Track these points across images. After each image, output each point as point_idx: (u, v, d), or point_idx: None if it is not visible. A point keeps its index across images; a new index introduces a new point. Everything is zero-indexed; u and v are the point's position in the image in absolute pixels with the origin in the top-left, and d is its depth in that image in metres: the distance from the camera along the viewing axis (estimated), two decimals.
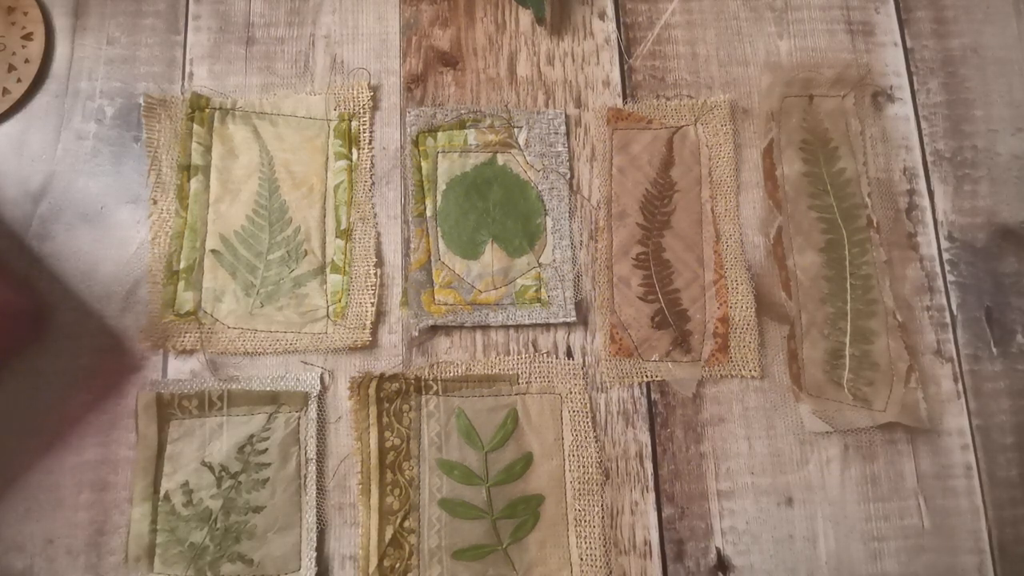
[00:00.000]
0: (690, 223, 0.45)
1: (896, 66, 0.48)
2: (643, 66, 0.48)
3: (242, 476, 0.40)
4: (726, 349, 0.43)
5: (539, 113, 0.46)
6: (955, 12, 0.49)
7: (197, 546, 0.39)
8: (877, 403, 0.42)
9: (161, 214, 0.44)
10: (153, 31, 0.47)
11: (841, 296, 0.44)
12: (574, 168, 0.46)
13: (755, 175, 0.46)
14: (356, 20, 0.48)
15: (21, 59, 0.46)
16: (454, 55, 0.48)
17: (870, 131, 0.47)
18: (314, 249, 0.44)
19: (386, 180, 0.46)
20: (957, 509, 0.41)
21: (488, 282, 0.44)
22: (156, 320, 0.42)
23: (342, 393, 0.42)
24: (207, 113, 0.45)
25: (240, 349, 0.42)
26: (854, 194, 0.46)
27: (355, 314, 0.43)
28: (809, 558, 0.41)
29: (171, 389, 0.41)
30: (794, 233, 0.45)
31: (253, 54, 0.47)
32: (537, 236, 0.45)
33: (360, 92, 0.46)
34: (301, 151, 0.45)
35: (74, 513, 0.40)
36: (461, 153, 0.46)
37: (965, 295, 0.45)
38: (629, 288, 0.44)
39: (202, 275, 0.43)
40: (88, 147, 0.45)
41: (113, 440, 0.41)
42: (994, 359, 0.44)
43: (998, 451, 0.42)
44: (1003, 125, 0.47)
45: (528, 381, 0.42)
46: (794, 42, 0.49)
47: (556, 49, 0.48)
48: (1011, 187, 0.46)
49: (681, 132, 0.47)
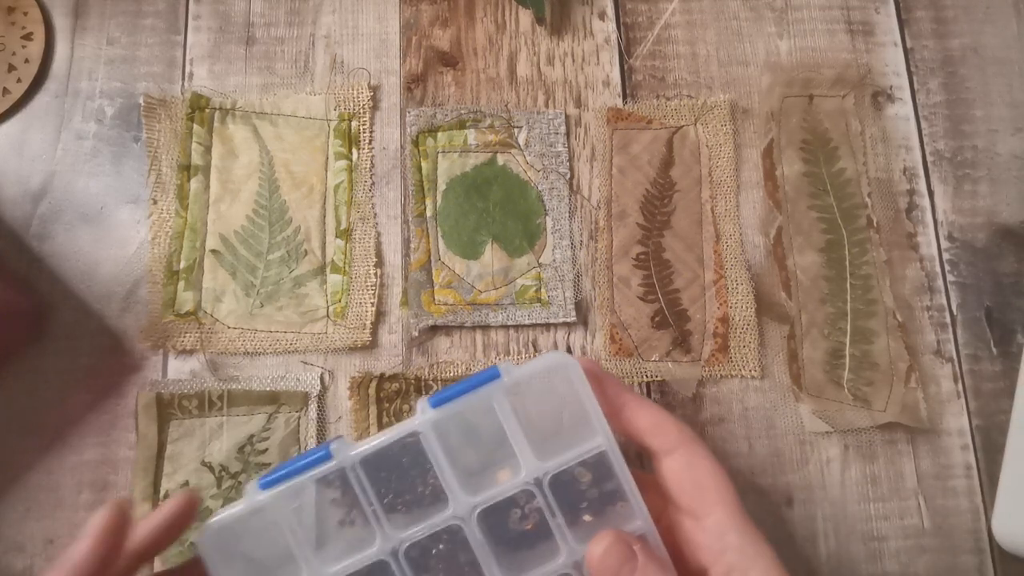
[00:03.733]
0: (690, 223, 0.45)
1: (896, 66, 0.48)
2: (643, 66, 0.48)
3: (242, 476, 0.40)
4: (726, 349, 0.43)
5: (539, 113, 0.46)
6: (955, 12, 0.49)
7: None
8: (877, 403, 0.42)
9: (161, 214, 0.44)
10: (153, 31, 0.47)
11: (841, 296, 0.44)
12: (574, 168, 0.46)
13: (755, 175, 0.46)
14: (356, 20, 0.48)
15: (21, 59, 0.46)
16: (454, 55, 0.48)
17: (870, 131, 0.47)
18: (314, 249, 0.44)
19: (386, 180, 0.46)
20: (957, 509, 0.41)
21: (488, 282, 0.44)
22: (156, 320, 0.42)
23: (342, 393, 0.42)
24: (207, 113, 0.45)
25: (240, 349, 0.42)
26: (854, 194, 0.46)
27: (355, 314, 0.43)
28: (809, 558, 0.41)
29: (171, 389, 0.41)
30: (794, 233, 0.45)
31: (253, 54, 0.47)
32: (537, 236, 0.45)
33: (360, 92, 0.46)
34: (301, 151, 0.46)
35: (74, 513, 0.40)
36: (461, 153, 0.46)
37: (965, 295, 0.45)
38: (629, 288, 0.44)
39: (202, 275, 0.43)
40: (88, 147, 0.45)
41: (113, 440, 0.41)
42: (994, 359, 0.44)
43: (998, 451, 0.42)
44: (1003, 125, 0.47)
45: None
46: (794, 42, 0.49)
47: (556, 49, 0.48)
48: (1011, 187, 0.46)
49: (681, 132, 0.47)
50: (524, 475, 0.28)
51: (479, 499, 0.28)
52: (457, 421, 0.28)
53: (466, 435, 0.29)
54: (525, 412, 0.28)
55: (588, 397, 0.28)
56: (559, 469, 0.28)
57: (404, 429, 0.28)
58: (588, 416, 0.28)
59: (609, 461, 0.28)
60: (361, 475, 0.28)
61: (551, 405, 0.28)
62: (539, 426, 0.28)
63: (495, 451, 0.28)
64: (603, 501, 0.28)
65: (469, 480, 0.28)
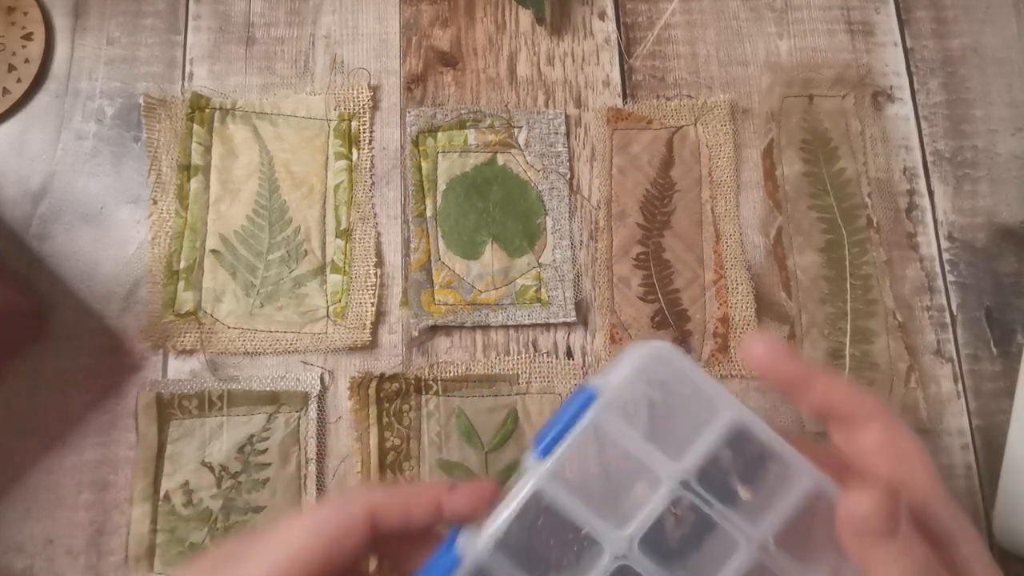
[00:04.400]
0: (690, 223, 0.45)
1: (896, 66, 0.48)
2: (643, 66, 0.48)
3: (242, 476, 0.40)
4: (726, 349, 0.43)
5: (539, 113, 0.46)
6: (955, 12, 0.49)
7: (197, 546, 0.39)
8: None
9: (161, 214, 0.44)
10: (153, 31, 0.47)
11: (841, 296, 0.44)
12: (574, 168, 0.46)
13: (755, 175, 0.46)
14: (356, 20, 0.48)
15: (21, 59, 0.46)
16: (454, 55, 0.48)
17: (870, 131, 0.47)
18: (314, 249, 0.44)
19: (386, 180, 0.46)
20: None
21: (488, 282, 0.44)
22: (156, 320, 0.42)
23: (342, 393, 0.42)
24: (207, 113, 0.45)
25: (240, 349, 0.42)
26: (854, 194, 0.46)
27: (355, 314, 0.43)
28: None
29: (171, 389, 0.41)
30: (794, 233, 0.45)
31: (253, 54, 0.47)
32: (537, 236, 0.45)
33: (360, 92, 0.46)
34: (301, 151, 0.46)
35: (74, 513, 0.40)
36: (461, 153, 0.46)
37: (965, 295, 0.45)
38: (629, 288, 0.44)
39: (202, 275, 0.43)
40: (88, 147, 0.45)
41: (113, 440, 0.41)
42: (994, 359, 0.44)
43: (998, 451, 0.42)
44: (1003, 125, 0.47)
45: (528, 381, 0.42)
46: (794, 42, 0.49)
47: (556, 49, 0.48)
48: (1011, 187, 0.46)
49: (681, 132, 0.47)
50: (667, 483, 0.25)
51: (633, 529, 0.25)
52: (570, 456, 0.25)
53: (582, 467, 0.26)
54: (637, 417, 0.25)
55: (697, 375, 0.25)
56: (703, 460, 0.25)
57: (524, 493, 0.25)
58: (705, 394, 0.25)
59: (746, 429, 0.25)
60: (503, 561, 0.24)
61: (661, 398, 0.26)
62: (655, 425, 0.25)
63: (621, 468, 0.26)
64: (751, 469, 0.25)
65: (612, 514, 0.25)
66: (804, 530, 0.25)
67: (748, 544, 0.25)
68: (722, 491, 0.25)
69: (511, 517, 0.24)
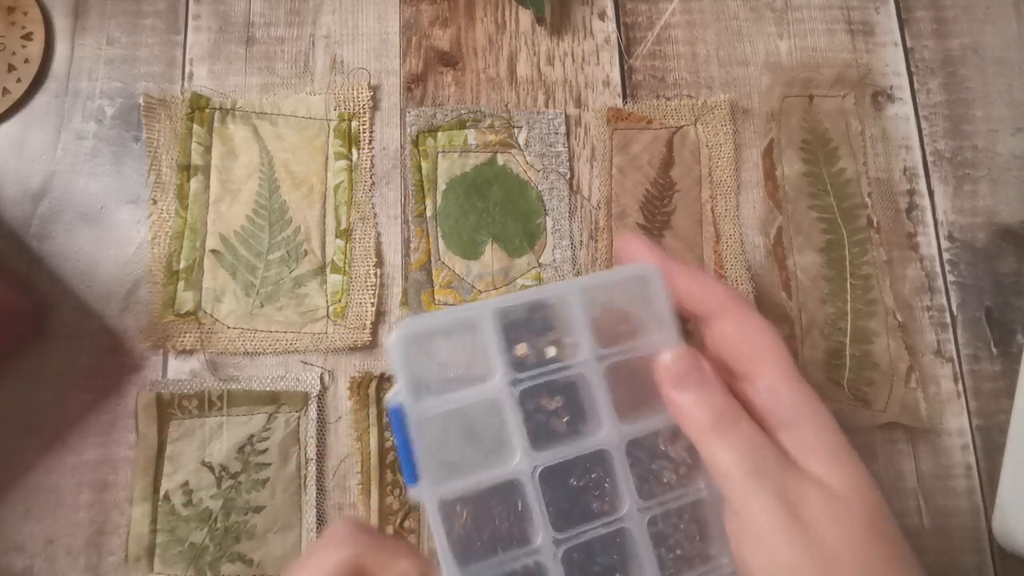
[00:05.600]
0: (690, 223, 0.45)
1: (896, 66, 0.48)
2: (643, 66, 0.48)
3: (242, 476, 0.40)
4: None
5: (539, 113, 0.46)
6: (955, 12, 0.49)
7: (197, 546, 0.39)
8: (877, 403, 0.42)
9: (161, 214, 0.44)
10: (153, 31, 0.47)
11: (841, 296, 0.44)
12: (574, 168, 0.46)
13: (755, 175, 0.46)
14: (356, 20, 0.48)
15: (21, 59, 0.46)
16: (454, 55, 0.48)
17: (870, 131, 0.47)
18: (314, 249, 0.44)
19: (386, 180, 0.46)
20: (957, 509, 0.41)
21: (488, 282, 0.44)
22: (156, 320, 0.42)
23: (342, 393, 0.42)
24: (207, 113, 0.45)
25: (240, 349, 0.42)
26: (854, 194, 0.46)
27: (355, 314, 0.43)
28: None
29: (171, 389, 0.41)
30: (794, 233, 0.45)
31: (253, 54, 0.47)
32: (537, 236, 0.45)
33: (360, 92, 0.46)
34: (301, 151, 0.46)
35: (74, 513, 0.40)
36: (461, 153, 0.46)
37: (965, 295, 0.45)
38: None
39: (202, 275, 0.43)
40: (88, 147, 0.45)
41: (113, 440, 0.41)
42: (994, 359, 0.44)
43: (998, 451, 0.42)
44: (1003, 125, 0.47)
45: None
46: (794, 42, 0.49)
47: (556, 49, 0.48)
48: (1011, 187, 0.46)
49: (681, 132, 0.47)
50: (503, 395, 0.26)
51: (520, 452, 0.26)
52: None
53: (448, 455, 0.27)
54: (435, 388, 0.26)
55: (446, 315, 0.26)
56: (504, 355, 0.26)
57: (434, 520, 0.25)
58: (463, 319, 0.26)
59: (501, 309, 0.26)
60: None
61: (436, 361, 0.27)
62: (453, 377, 0.27)
63: (471, 420, 0.27)
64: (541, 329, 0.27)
65: (499, 453, 0.26)
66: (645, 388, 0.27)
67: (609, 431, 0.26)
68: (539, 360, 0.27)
69: (446, 547, 0.25)
